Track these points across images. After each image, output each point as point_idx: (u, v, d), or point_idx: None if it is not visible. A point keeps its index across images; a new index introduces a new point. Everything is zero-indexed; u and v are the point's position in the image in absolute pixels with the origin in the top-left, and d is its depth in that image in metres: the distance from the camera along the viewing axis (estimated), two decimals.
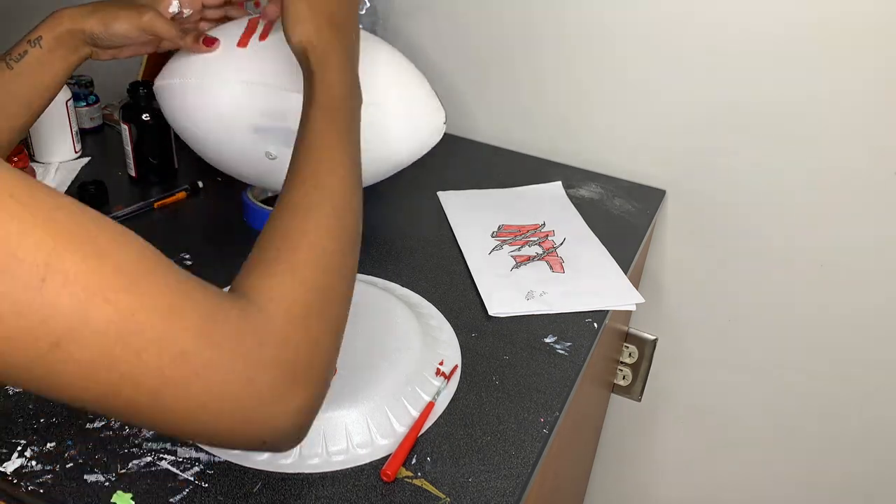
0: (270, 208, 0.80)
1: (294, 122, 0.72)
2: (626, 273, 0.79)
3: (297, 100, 0.69)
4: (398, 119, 0.75)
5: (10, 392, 0.59)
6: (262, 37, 0.73)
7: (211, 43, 0.73)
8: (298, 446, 0.55)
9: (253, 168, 0.77)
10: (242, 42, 0.73)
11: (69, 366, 0.36)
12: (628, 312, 1.06)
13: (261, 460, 0.54)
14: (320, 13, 0.60)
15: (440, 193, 0.93)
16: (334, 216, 0.52)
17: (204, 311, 0.41)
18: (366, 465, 0.55)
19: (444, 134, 1.00)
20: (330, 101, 0.58)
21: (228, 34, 0.75)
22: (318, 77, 0.59)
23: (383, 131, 0.75)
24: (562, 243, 0.84)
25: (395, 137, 0.76)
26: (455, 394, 0.62)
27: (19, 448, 0.54)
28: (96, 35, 0.69)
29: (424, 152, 0.79)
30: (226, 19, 0.78)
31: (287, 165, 0.56)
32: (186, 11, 0.74)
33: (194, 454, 0.55)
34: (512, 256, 0.80)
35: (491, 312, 0.72)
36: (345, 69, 0.60)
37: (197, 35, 0.73)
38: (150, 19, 0.70)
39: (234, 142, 0.76)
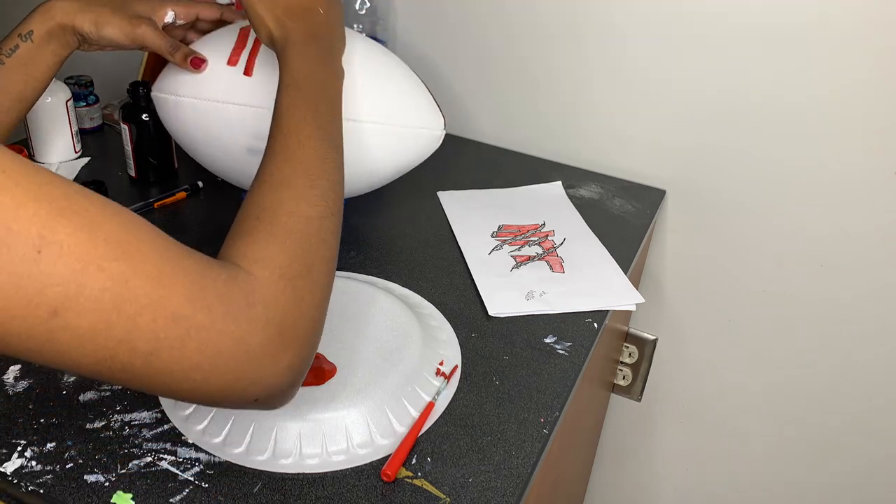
0: None
1: None
2: (626, 273, 0.79)
3: None
4: (398, 129, 0.75)
5: (10, 392, 0.59)
6: (253, 53, 0.73)
7: (199, 65, 0.73)
8: (299, 446, 0.55)
9: (248, 178, 0.77)
10: (232, 60, 0.73)
11: (67, 333, 0.38)
12: (628, 312, 1.06)
13: (261, 460, 0.55)
14: (275, 7, 0.63)
15: (440, 193, 0.93)
16: (308, 185, 0.53)
17: (193, 275, 0.42)
18: (366, 465, 0.55)
19: (446, 134, 1.00)
20: (294, 80, 0.59)
21: (219, 49, 0.74)
22: (283, 62, 0.61)
23: (384, 141, 0.75)
24: (562, 243, 0.84)
25: (395, 148, 0.76)
26: (455, 394, 0.62)
27: (19, 448, 0.54)
28: (86, 34, 0.70)
29: (424, 159, 0.79)
30: (221, 23, 0.78)
31: None
32: (180, 22, 0.75)
33: (194, 454, 0.55)
34: (512, 256, 0.80)
35: (491, 312, 0.72)
36: (307, 49, 0.62)
37: (185, 54, 0.73)
38: (143, 33, 0.70)
39: (229, 158, 0.76)
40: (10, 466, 0.53)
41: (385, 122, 0.74)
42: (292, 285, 0.47)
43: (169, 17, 0.72)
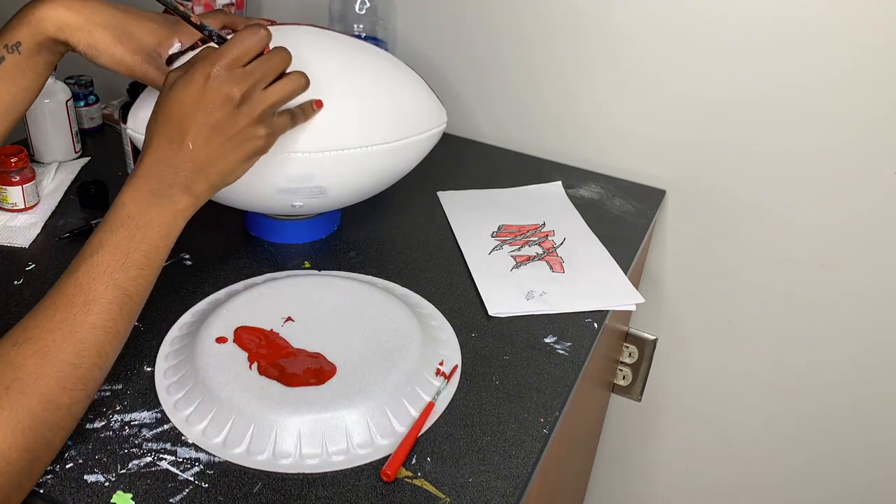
0: (272, 217, 0.80)
1: (321, 179, 0.71)
2: (626, 273, 0.79)
3: (322, 158, 0.69)
4: (407, 141, 0.74)
5: None
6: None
7: None
8: (299, 446, 0.55)
9: (271, 209, 0.77)
10: None
11: None
12: (628, 312, 1.06)
13: (261, 460, 0.55)
14: (158, 111, 0.58)
15: (440, 193, 0.93)
16: (73, 363, 0.50)
17: None
18: (366, 465, 0.55)
19: (444, 134, 1.00)
20: (115, 216, 0.55)
21: None
22: (121, 189, 0.56)
23: (393, 157, 0.74)
24: (562, 243, 0.84)
25: (404, 156, 0.75)
26: (455, 394, 0.62)
27: None
28: (80, 53, 0.65)
29: (425, 155, 0.79)
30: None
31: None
32: (184, 48, 0.70)
33: (194, 454, 0.55)
34: (512, 256, 0.80)
35: (491, 312, 0.72)
36: (146, 181, 0.56)
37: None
38: (145, 72, 0.66)
39: (258, 197, 0.73)
40: None
41: (395, 139, 0.73)
42: (12, 483, 0.46)
43: (175, 47, 0.68)
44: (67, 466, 0.53)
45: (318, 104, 0.68)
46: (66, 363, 0.49)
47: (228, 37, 0.61)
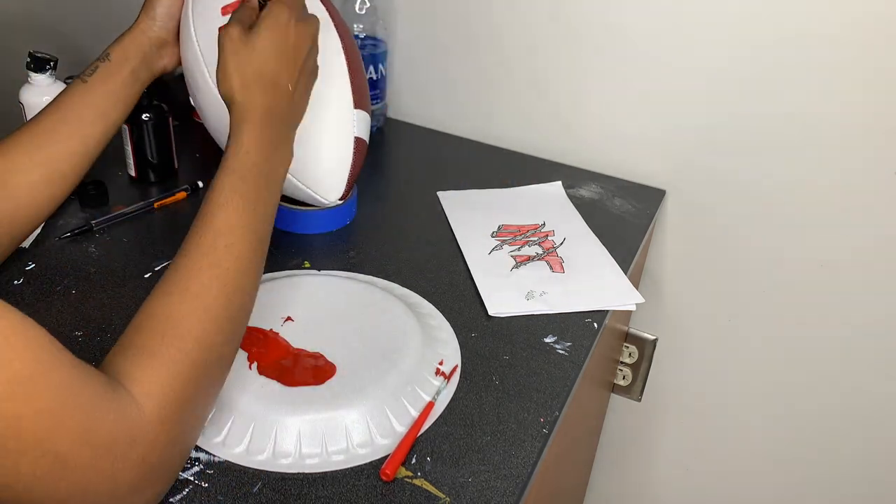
0: (288, 205, 0.80)
1: None
2: (626, 273, 0.79)
3: None
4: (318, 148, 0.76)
5: None
6: None
7: None
8: (298, 446, 0.55)
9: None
10: (225, 11, 0.72)
11: None
12: (628, 312, 1.06)
13: (261, 460, 0.55)
14: (246, 69, 0.60)
15: (440, 193, 0.93)
16: (223, 304, 0.51)
17: (86, 411, 0.41)
18: (365, 464, 0.55)
19: (444, 133, 1.00)
20: (240, 166, 0.57)
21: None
22: (234, 138, 0.58)
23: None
24: (562, 243, 0.84)
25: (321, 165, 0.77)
26: (455, 394, 0.62)
27: None
28: (155, 25, 0.72)
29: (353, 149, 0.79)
30: None
31: None
32: None
33: (194, 454, 0.55)
34: (512, 256, 0.80)
35: (491, 312, 0.72)
36: (263, 132, 0.59)
37: None
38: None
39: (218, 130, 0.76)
40: None
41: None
42: (177, 424, 0.47)
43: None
44: None
45: None
46: (215, 304, 0.51)
47: None
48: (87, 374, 0.43)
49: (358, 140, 0.77)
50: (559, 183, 0.97)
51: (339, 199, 0.79)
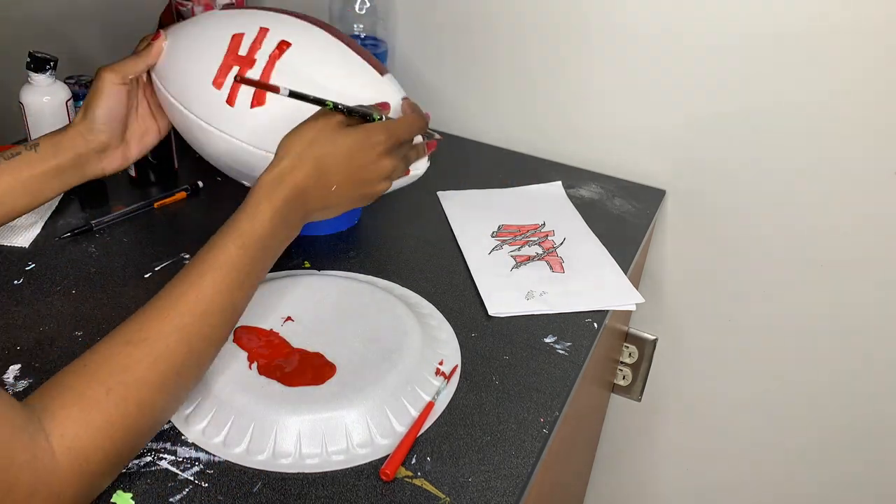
0: None
1: None
2: (626, 273, 0.79)
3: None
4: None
5: (11, 391, 0.59)
6: (237, 85, 0.69)
7: (157, 37, 0.72)
8: (298, 446, 0.55)
9: (248, 177, 0.77)
10: (217, 82, 0.69)
11: None
12: (628, 312, 1.06)
13: (261, 459, 0.55)
14: (314, 146, 0.60)
15: (440, 193, 0.93)
16: (180, 370, 0.50)
17: None
18: (365, 464, 0.55)
19: (444, 134, 1.00)
20: (245, 234, 0.55)
21: (206, 60, 0.70)
22: (253, 203, 0.57)
23: None
24: (562, 243, 0.84)
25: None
26: (455, 394, 0.62)
27: None
28: (94, 128, 0.69)
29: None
30: None
31: None
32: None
33: (194, 454, 0.55)
34: (512, 256, 0.81)
35: (491, 312, 0.72)
36: (281, 211, 0.58)
37: (144, 45, 0.72)
38: (108, 67, 0.70)
39: (223, 166, 0.76)
40: None
41: None
42: (90, 482, 0.45)
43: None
44: None
45: (431, 146, 0.73)
46: (171, 370, 0.50)
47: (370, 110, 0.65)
48: (8, 407, 0.41)
49: (403, 100, 0.75)
50: (559, 183, 0.97)
51: (427, 163, 0.77)
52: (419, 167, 0.74)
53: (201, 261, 0.54)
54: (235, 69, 0.69)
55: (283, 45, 0.69)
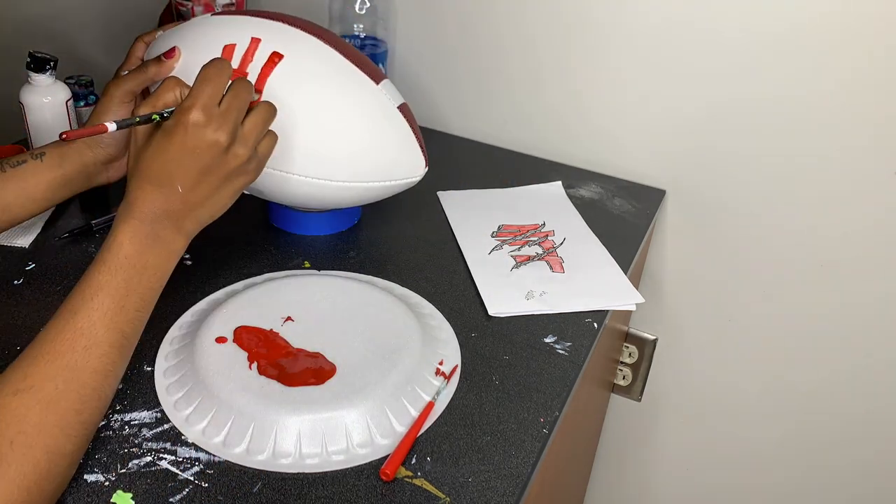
0: (295, 208, 0.80)
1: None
2: (626, 273, 0.79)
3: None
4: (381, 184, 0.75)
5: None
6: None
7: (171, 55, 0.70)
8: (298, 446, 0.55)
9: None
10: None
11: None
12: (628, 312, 1.06)
13: (261, 460, 0.55)
14: (141, 164, 0.58)
15: (440, 193, 0.93)
16: (76, 409, 0.49)
17: None
18: (365, 464, 0.55)
19: (444, 133, 0.99)
20: (112, 258, 0.55)
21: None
22: (111, 231, 0.56)
23: (365, 194, 0.75)
24: (562, 243, 0.84)
25: (376, 195, 0.76)
26: (455, 394, 0.62)
27: None
28: (101, 142, 0.70)
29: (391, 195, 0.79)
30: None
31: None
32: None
33: (194, 454, 0.55)
34: (512, 256, 0.81)
35: (491, 312, 0.72)
36: (142, 226, 0.56)
37: (155, 60, 0.70)
38: (116, 83, 0.69)
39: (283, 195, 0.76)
40: None
41: (366, 180, 0.73)
42: None
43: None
44: None
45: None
46: (69, 410, 0.49)
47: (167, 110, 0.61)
48: None
49: (401, 107, 0.75)
50: (559, 183, 0.97)
51: (426, 168, 0.77)
52: (417, 171, 0.75)
53: (71, 297, 0.53)
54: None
55: (274, 58, 0.68)
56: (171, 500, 0.51)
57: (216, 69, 0.60)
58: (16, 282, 0.72)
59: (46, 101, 0.86)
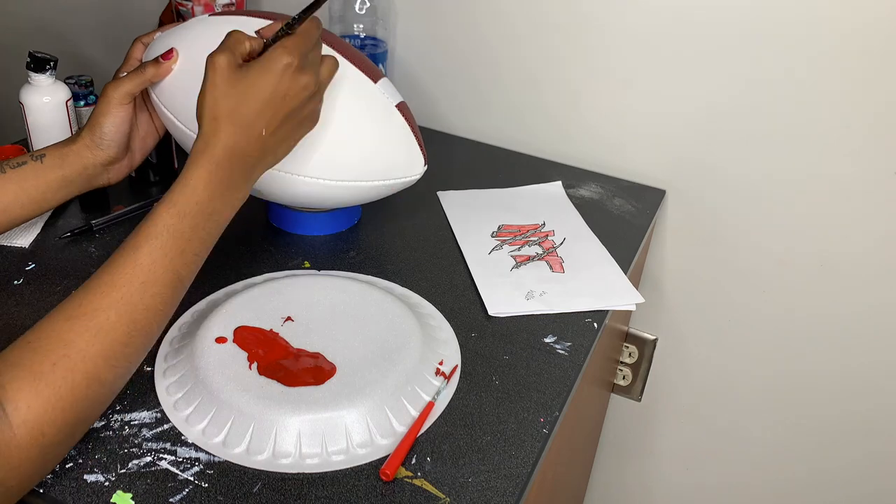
0: (296, 208, 0.80)
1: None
2: (626, 273, 0.79)
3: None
4: (377, 183, 0.75)
5: None
6: None
7: (169, 56, 0.70)
8: (298, 446, 0.55)
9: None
10: None
11: None
12: (628, 312, 1.06)
13: (261, 460, 0.55)
14: (221, 103, 0.58)
15: (440, 193, 0.93)
16: (124, 342, 0.51)
17: None
18: (365, 465, 0.55)
19: (444, 133, 0.99)
20: (183, 201, 0.55)
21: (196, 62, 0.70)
22: (184, 171, 0.57)
23: (360, 194, 0.75)
24: (562, 243, 0.84)
25: (374, 194, 0.76)
26: (455, 394, 0.62)
27: None
28: (102, 144, 0.70)
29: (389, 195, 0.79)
30: None
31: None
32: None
33: (194, 454, 0.55)
34: (512, 256, 0.81)
35: (491, 312, 0.72)
36: (218, 171, 0.57)
37: (153, 62, 0.70)
38: (114, 85, 0.70)
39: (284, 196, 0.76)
40: None
41: (365, 179, 0.74)
42: (46, 453, 0.46)
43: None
44: (67, 466, 0.53)
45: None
46: (116, 342, 0.50)
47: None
48: None
49: (399, 106, 0.75)
50: (559, 183, 0.97)
51: (425, 166, 0.77)
52: (416, 170, 0.74)
53: (137, 233, 0.54)
54: None
55: None
56: (171, 500, 0.51)
57: (315, 25, 0.62)
58: (16, 282, 0.72)
59: (46, 101, 0.86)
